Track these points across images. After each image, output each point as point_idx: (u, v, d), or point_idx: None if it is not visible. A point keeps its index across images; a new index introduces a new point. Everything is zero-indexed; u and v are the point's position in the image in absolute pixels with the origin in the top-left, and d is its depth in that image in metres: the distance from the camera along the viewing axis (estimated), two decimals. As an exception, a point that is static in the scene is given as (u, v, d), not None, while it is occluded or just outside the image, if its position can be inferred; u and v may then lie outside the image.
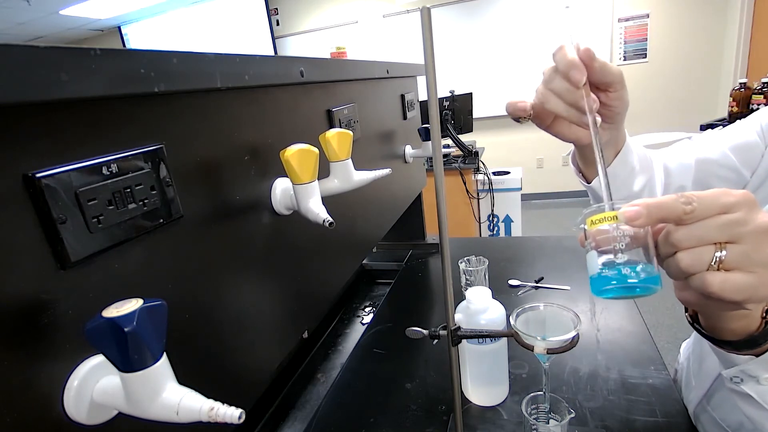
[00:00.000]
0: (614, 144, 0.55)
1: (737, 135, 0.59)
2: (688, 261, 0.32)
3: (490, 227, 2.96)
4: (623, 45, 3.90)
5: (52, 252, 0.28)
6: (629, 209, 0.33)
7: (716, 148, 0.60)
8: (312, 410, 0.78)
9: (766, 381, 0.40)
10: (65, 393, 0.29)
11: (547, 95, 0.47)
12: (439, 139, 0.43)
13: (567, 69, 0.44)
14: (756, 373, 0.40)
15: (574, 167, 0.60)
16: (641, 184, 0.58)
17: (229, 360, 0.45)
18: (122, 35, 4.88)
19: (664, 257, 0.35)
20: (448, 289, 0.47)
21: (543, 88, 0.47)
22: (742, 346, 0.40)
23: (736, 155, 0.58)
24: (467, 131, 2.92)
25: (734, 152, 0.58)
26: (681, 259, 0.32)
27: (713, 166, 0.60)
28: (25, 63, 0.24)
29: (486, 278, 0.99)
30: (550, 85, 0.46)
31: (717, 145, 0.60)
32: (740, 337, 0.40)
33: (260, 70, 0.47)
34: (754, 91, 2.43)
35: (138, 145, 0.34)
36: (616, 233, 0.35)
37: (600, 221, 0.35)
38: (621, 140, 0.55)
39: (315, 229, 0.59)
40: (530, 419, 0.57)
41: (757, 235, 0.31)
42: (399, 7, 4.24)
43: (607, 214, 0.35)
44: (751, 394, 0.41)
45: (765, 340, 0.39)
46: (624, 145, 0.55)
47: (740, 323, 0.39)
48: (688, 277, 0.33)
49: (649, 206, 0.33)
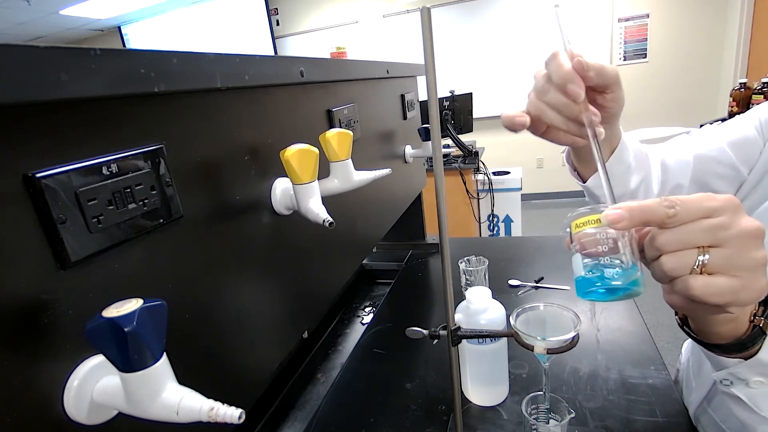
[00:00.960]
0: (609, 142, 0.54)
1: (735, 131, 0.58)
2: (671, 264, 0.32)
3: (490, 227, 2.96)
4: (623, 45, 3.90)
5: (52, 252, 0.28)
6: (611, 212, 0.33)
7: (714, 144, 0.59)
8: (312, 410, 0.78)
9: (755, 384, 0.40)
10: (65, 393, 0.29)
11: (543, 109, 0.45)
12: (439, 139, 0.43)
13: (563, 82, 0.42)
14: (745, 376, 0.40)
15: (569, 165, 0.60)
16: (637, 182, 0.57)
17: (229, 360, 0.45)
18: (122, 35, 4.88)
19: (650, 260, 0.35)
20: (448, 289, 0.47)
21: (537, 99, 0.45)
22: (731, 350, 0.40)
23: (734, 151, 0.57)
24: (467, 131, 2.92)
25: (732, 148, 0.57)
26: (665, 262, 0.33)
27: (711, 164, 0.59)
28: (25, 63, 0.24)
29: (486, 278, 0.99)
30: (545, 98, 0.44)
31: (715, 141, 0.59)
32: (728, 340, 0.40)
33: (260, 70, 0.47)
34: (754, 91, 2.43)
35: (138, 145, 0.34)
36: (599, 236, 0.35)
37: (584, 224, 0.35)
38: (616, 138, 0.54)
39: (315, 229, 0.59)
40: (530, 419, 0.57)
41: (739, 239, 0.31)
42: (399, 7, 4.24)
43: (590, 218, 0.35)
44: (741, 396, 0.41)
45: (753, 343, 0.39)
46: (619, 143, 0.55)
47: (728, 327, 0.39)
48: (672, 280, 0.33)
49: (632, 209, 0.33)
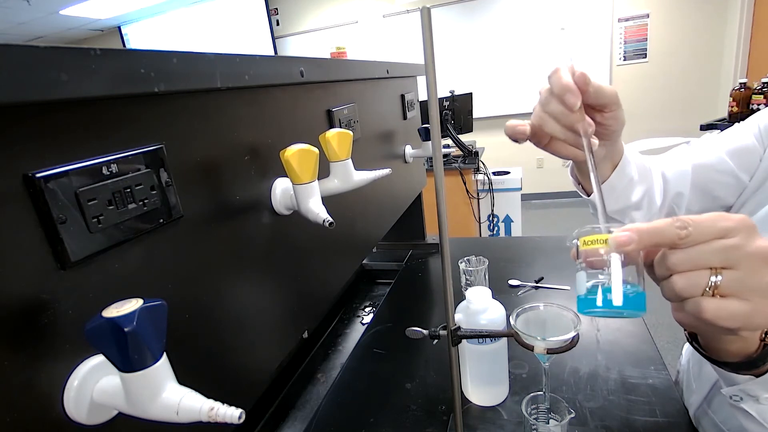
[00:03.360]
0: (611, 157, 0.55)
1: (735, 139, 0.59)
2: (682, 285, 0.32)
3: (490, 227, 2.96)
4: (623, 45, 3.90)
5: (52, 252, 0.28)
6: (620, 235, 0.33)
7: (713, 152, 0.60)
8: (312, 410, 0.78)
9: (765, 401, 0.39)
10: (65, 393, 0.29)
11: (544, 117, 0.47)
12: (439, 139, 0.43)
13: (562, 93, 0.44)
14: (755, 393, 0.40)
15: (573, 179, 0.60)
16: (640, 194, 0.58)
17: (229, 360, 0.45)
18: (122, 35, 4.88)
19: (660, 279, 0.34)
20: (448, 289, 0.47)
21: (539, 110, 0.48)
22: (740, 368, 0.40)
23: (734, 159, 0.58)
24: (467, 131, 2.92)
25: (732, 156, 0.58)
26: (676, 282, 0.32)
27: (711, 172, 0.60)
28: (25, 63, 0.24)
29: (486, 278, 0.99)
30: (546, 108, 0.47)
31: (714, 149, 0.60)
32: (738, 358, 0.39)
33: (260, 70, 0.47)
34: (754, 91, 2.43)
35: (138, 145, 0.34)
36: (606, 257, 0.34)
37: (592, 243, 0.35)
38: (618, 153, 0.55)
39: (315, 229, 0.59)
40: (530, 419, 0.57)
41: (753, 261, 0.31)
42: (399, 7, 4.24)
43: (598, 237, 0.35)
44: (751, 412, 0.41)
45: (763, 362, 0.38)
46: (622, 158, 0.56)
47: (737, 345, 0.38)
48: (683, 300, 0.33)
49: (641, 232, 0.32)
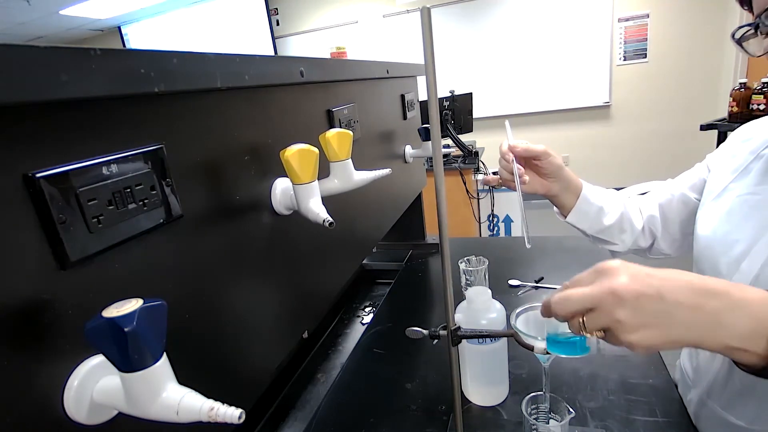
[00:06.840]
0: (570, 189, 0.74)
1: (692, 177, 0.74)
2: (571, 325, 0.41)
3: (490, 227, 2.96)
4: (623, 45, 3.90)
5: (52, 252, 0.28)
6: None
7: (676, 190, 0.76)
8: (312, 410, 0.78)
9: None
10: (65, 393, 0.29)
11: (500, 169, 0.74)
12: (439, 139, 0.43)
13: (502, 155, 0.72)
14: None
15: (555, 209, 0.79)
16: (612, 220, 0.75)
17: (229, 360, 0.45)
18: (122, 35, 4.88)
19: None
20: (448, 289, 0.47)
21: (499, 165, 0.74)
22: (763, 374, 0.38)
23: (695, 193, 0.72)
24: (467, 131, 2.92)
25: (692, 190, 0.73)
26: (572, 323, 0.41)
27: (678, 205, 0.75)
28: (25, 63, 0.24)
29: (486, 278, 0.99)
30: (500, 164, 0.73)
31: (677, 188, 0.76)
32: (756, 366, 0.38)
33: (260, 70, 0.47)
34: (754, 91, 2.42)
35: (138, 145, 0.34)
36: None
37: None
38: (575, 186, 0.74)
39: (315, 229, 0.58)
40: (530, 419, 0.57)
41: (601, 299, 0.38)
42: (399, 7, 4.24)
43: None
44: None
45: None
46: (582, 190, 0.74)
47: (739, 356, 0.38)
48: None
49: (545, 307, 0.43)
